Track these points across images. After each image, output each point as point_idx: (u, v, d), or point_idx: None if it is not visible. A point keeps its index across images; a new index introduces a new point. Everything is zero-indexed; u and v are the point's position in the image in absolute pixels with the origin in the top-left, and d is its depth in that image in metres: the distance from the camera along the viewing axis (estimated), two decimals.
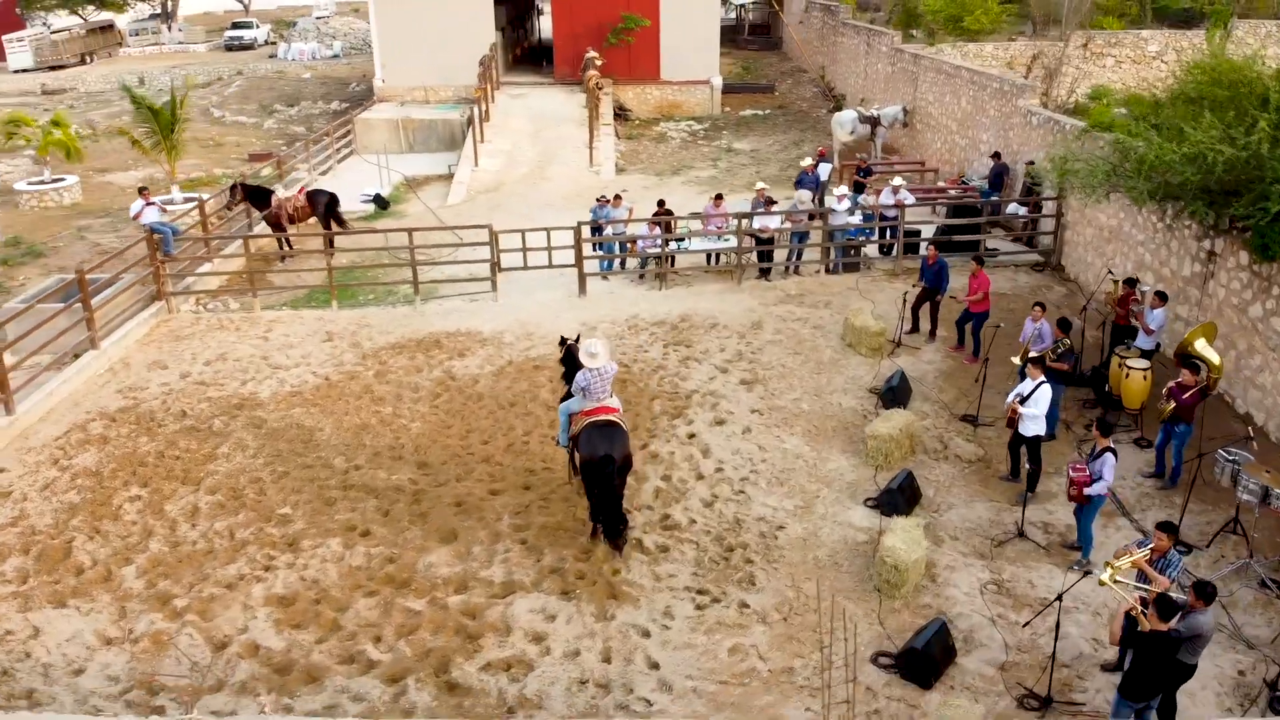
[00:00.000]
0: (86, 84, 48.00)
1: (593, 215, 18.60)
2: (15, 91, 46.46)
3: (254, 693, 8.71)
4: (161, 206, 18.42)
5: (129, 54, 57.28)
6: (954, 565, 10.46)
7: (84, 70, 51.47)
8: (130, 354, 15.91)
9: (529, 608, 9.81)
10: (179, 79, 47.12)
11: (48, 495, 11.77)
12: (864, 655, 9.11)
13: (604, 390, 10.95)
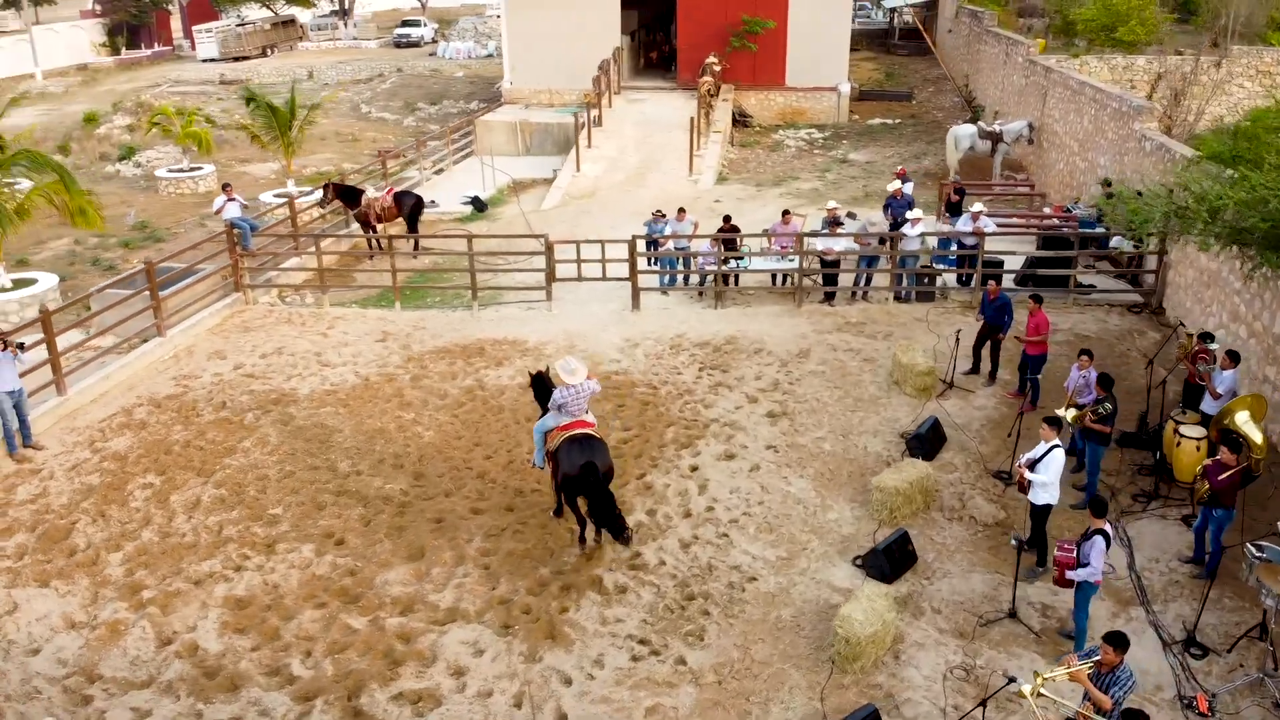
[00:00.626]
0: (260, 76, 51.27)
1: (647, 230, 18.23)
2: (197, 80, 50.21)
3: (175, 694, 8.93)
4: (242, 203, 19.36)
5: (307, 48, 60.90)
6: (925, 643, 9.54)
7: (261, 63, 55.06)
8: (197, 342, 16.79)
9: (463, 639, 9.63)
10: (343, 74, 49.97)
11: (72, 476, 12.54)
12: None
13: (580, 407, 10.96)
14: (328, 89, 46.99)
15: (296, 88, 28.55)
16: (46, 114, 41.50)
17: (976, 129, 24.26)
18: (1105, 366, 13.36)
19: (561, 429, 10.93)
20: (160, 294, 16.48)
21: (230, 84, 49.93)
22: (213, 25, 60.42)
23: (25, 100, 46.42)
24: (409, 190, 21.65)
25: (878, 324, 16.76)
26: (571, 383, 10.83)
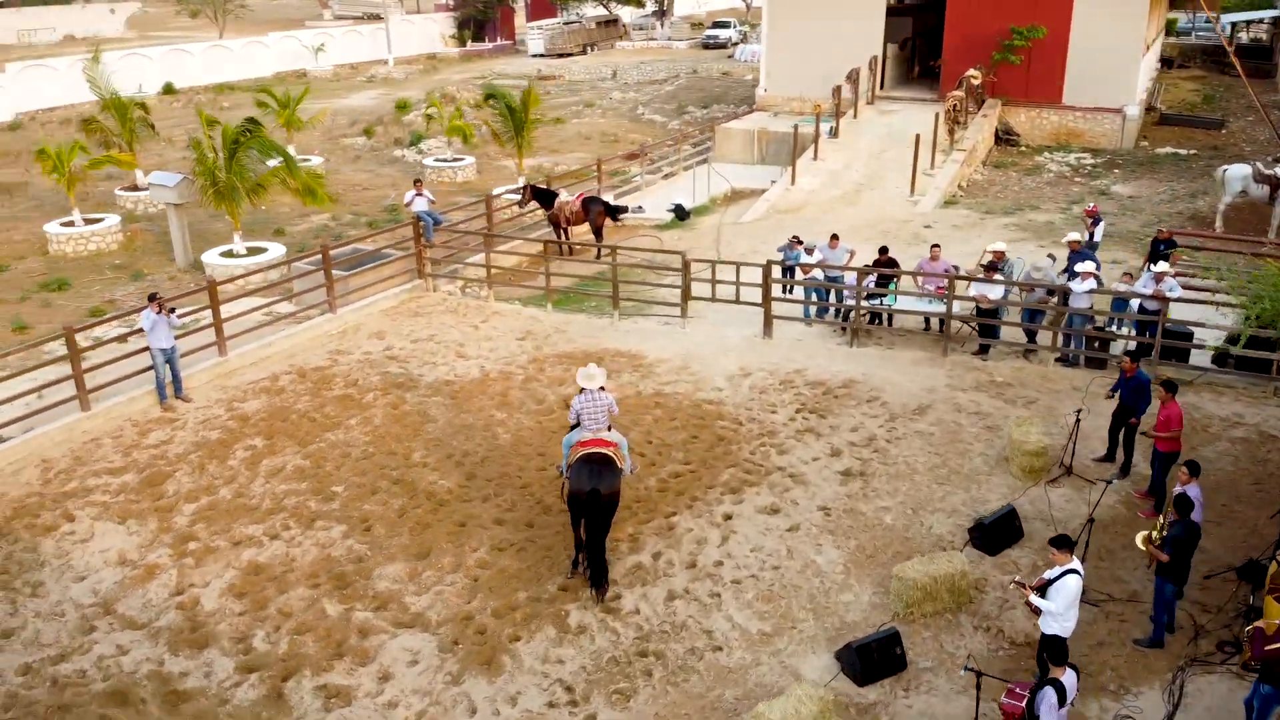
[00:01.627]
0: (571, 73, 54.69)
1: (782, 256, 17.31)
2: (515, 74, 54.34)
3: (156, 640, 10.01)
4: (430, 198, 20.82)
5: (624, 47, 63.94)
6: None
7: (575, 60, 58.59)
8: (366, 321, 18.43)
9: (407, 646, 9.91)
10: (643, 74, 51.96)
11: (198, 429, 14.33)
12: None
13: (598, 419, 10.96)
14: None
15: (535, 88, 29.94)
16: (378, 98, 47.05)
17: (1252, 170, 20.50)
18: None
19: (580, 444, 10.94)
20: (350, 273, 18.27)
21: (544, 79, 53.72)
22: (544, 23, 65.29)
23: (369, 84, 53.11)
24: (597, 196, 22.19)
25: (1026, 388, 14.82)
26: (588, 387, 10.95)
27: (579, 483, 10.59)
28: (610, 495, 10.66)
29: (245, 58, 54.19)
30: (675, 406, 14.70)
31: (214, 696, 9.20)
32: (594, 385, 11.10)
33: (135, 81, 48.57)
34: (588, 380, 11.13)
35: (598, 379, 11.18)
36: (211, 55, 53.13)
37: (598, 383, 11.13)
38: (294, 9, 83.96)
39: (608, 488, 10.61)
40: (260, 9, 79.15)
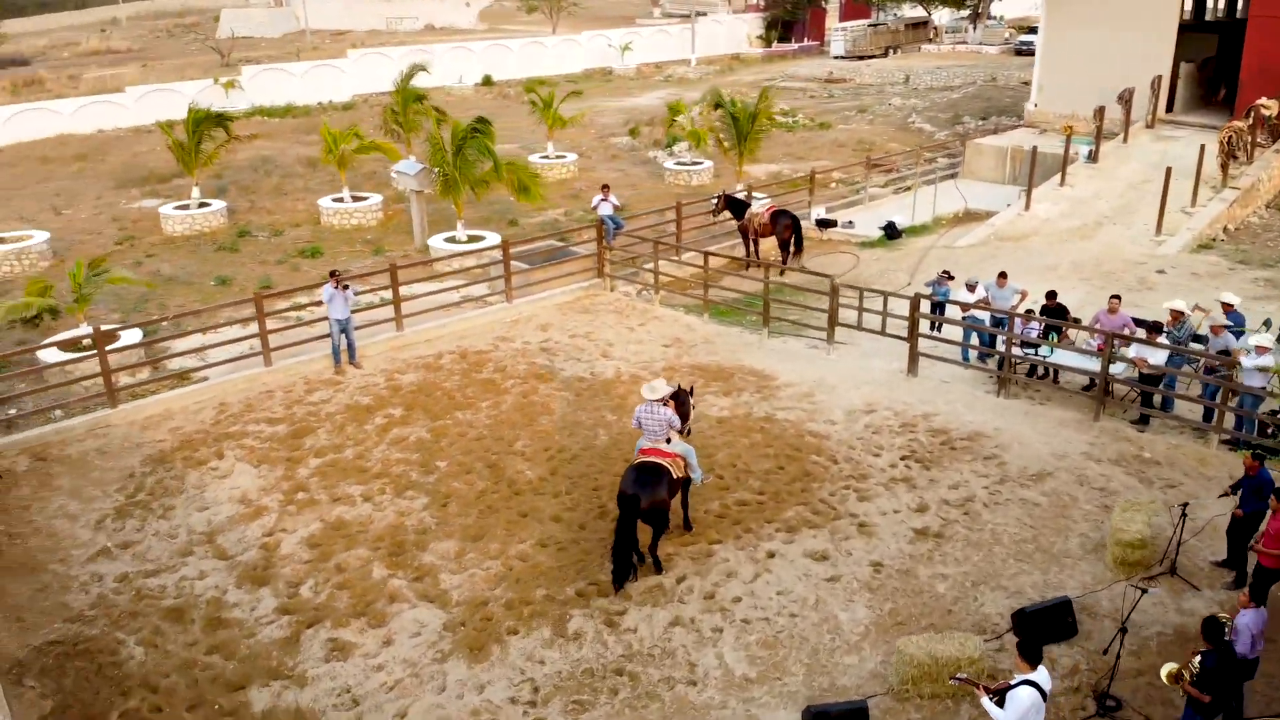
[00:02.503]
0: (862, 76, 53.44)
1: (930, 291, 16.11)
2: (805, 77, 54.13)
3: (230, 572, 11.59)
4: (615, 204, 21.51)
5: (929, 50, 61.35)
6: None
7: (872, 63, 57.03)
8: (539, 313, 19.63)
9: (420, 618, 10.74)
10: (936, 79, 49.76)
11: (355, 394, 16.12)
12: None
13: (656, 430, 11.49)
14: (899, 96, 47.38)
15: (769, 97, 29.64)
16: (663, 98, 48.83)
17: None
18: None
19: (641, 452, 11.51)
20: (532, 267, 19.61)
21: (832, 82, 53.04)
22: (849, 24, 64.18)
23: (664, 83, 55.18)
24: (785, 210, 21.86)
25: (1174, 469, 12.98)
26: (649, 399, 11.44)
27: (624, 485, 11.14)
28: (651, 505, 11.01)
29: (559, 54, 58.28)
30: (778, 434, 14.44)
31: (246, 629, 10.58)
32: (654, 397, 11.50)
33: (457, 73, 54.25)
34: (650, 393, 11.61)
35: (659, 392, 11.62)
36: (528, 51, 57.59)
37: (658, 395, 11.52)
38: (631, 6, 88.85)
39: (649, 498, 10.98)
40: (595, 6, 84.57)
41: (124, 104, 44.63)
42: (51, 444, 14.38)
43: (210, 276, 22.44)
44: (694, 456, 11.95)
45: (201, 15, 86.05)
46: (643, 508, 11.01)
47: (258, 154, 34.58)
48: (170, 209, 26.27)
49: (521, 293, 19.94)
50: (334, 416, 15.36)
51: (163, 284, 21.90)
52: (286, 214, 27.66)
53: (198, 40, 65.77)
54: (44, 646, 10.19)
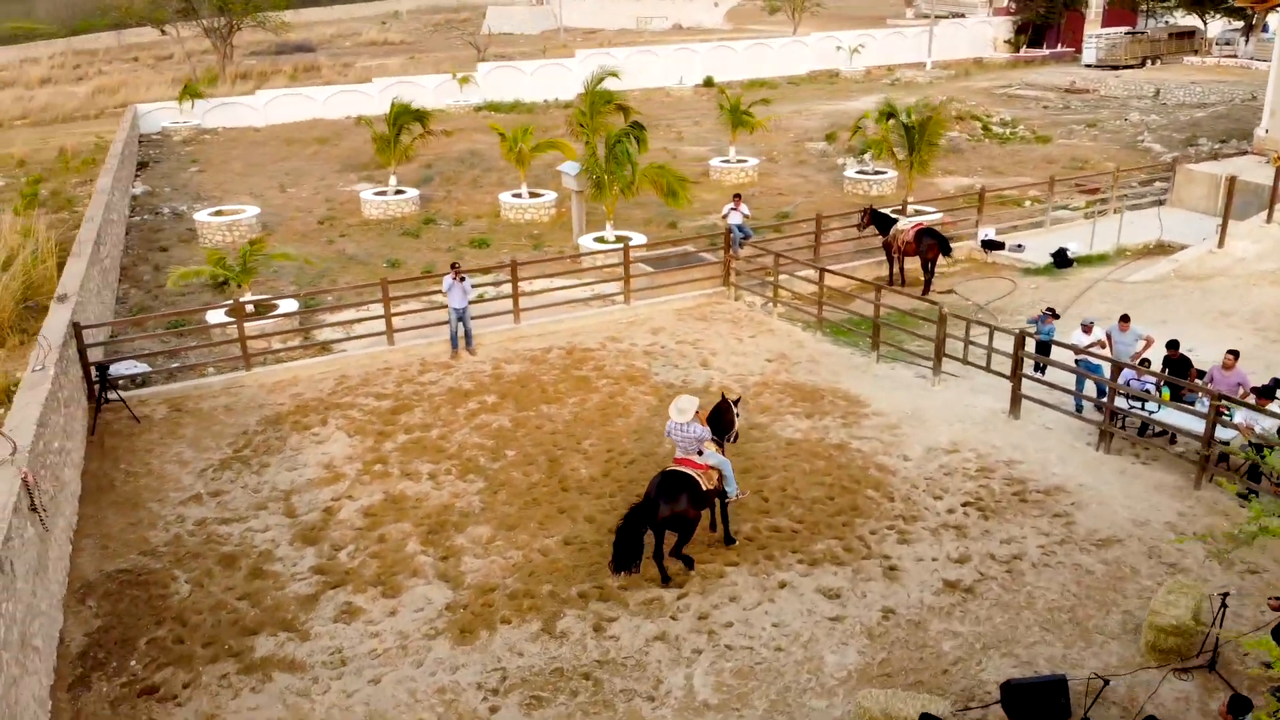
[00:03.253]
0: (1108, 87, 49.33)
1: (1034, 328, 14.76)
2: (1043, 85, 50.63)
3: (290, 529, 12.79)
4: (745, 213, 21.20)
5: (1191, 63, 55.57)
6: None
7: (1123, 74, 52.37)
8: (655, 316, 19.92)
9: (429, 595, 11.41)
10: (1189, 95, 45.24)
11: (460, 378, 17.14)
12: None
13: (686, 446, 11.67)
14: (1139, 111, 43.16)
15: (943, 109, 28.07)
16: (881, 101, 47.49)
17: None
18: None
19: (675, 460, 11.79)
20: (657, 270, 19.99)
21: (1074, 92, 49.33)
22: (1105, 31, 59.28)
23: (890, 87, 53.44)
24: (931, 229, 20.75)
25: (1265, 553, 11.41)
26: (676, 420, 11.58)
27: (649, 489, 11.44)
28: (671, 515, 11.21)
29: (783, 56, 57.96)
30: (843, 463, 14.00)
31: (279, 582, 11.69)
32: (683, 419, 11.57)
33: (677, 74, 55.31)
34: (679, 414, 11.65)
35: (687, 413, 11.65)
36: (753, 53, 57.66)
37: (686, 417, 11.59)
38: (886, 5, 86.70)
39: (669, 508, 11.21)
40: (844, 5, 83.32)
41: (369, 93, 48.93)
42: (190, 397, 16.42)
43: (385, 258, 24.45)
44: (729, 469, 12.00)
45: (473, 11, 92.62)
46: (660, 516, 11.22)
47: (470, 147, 37.09)
48: (370, 194, 28.80)
49: (648, 295, 20.36)
50: (434, 397, 16.46)
51: (343, 262, 24.13)
52: (474, 206, 29.53)
53: (462, 36, 70.70)
54: (113, 573, 11.79)
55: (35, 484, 10.23)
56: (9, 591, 8.76)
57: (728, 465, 12.06)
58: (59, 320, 15.10)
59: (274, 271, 22.49)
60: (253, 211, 27.11)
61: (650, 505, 11.31)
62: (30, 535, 9.96)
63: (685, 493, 11.42)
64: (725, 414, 12.55)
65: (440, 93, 50.92)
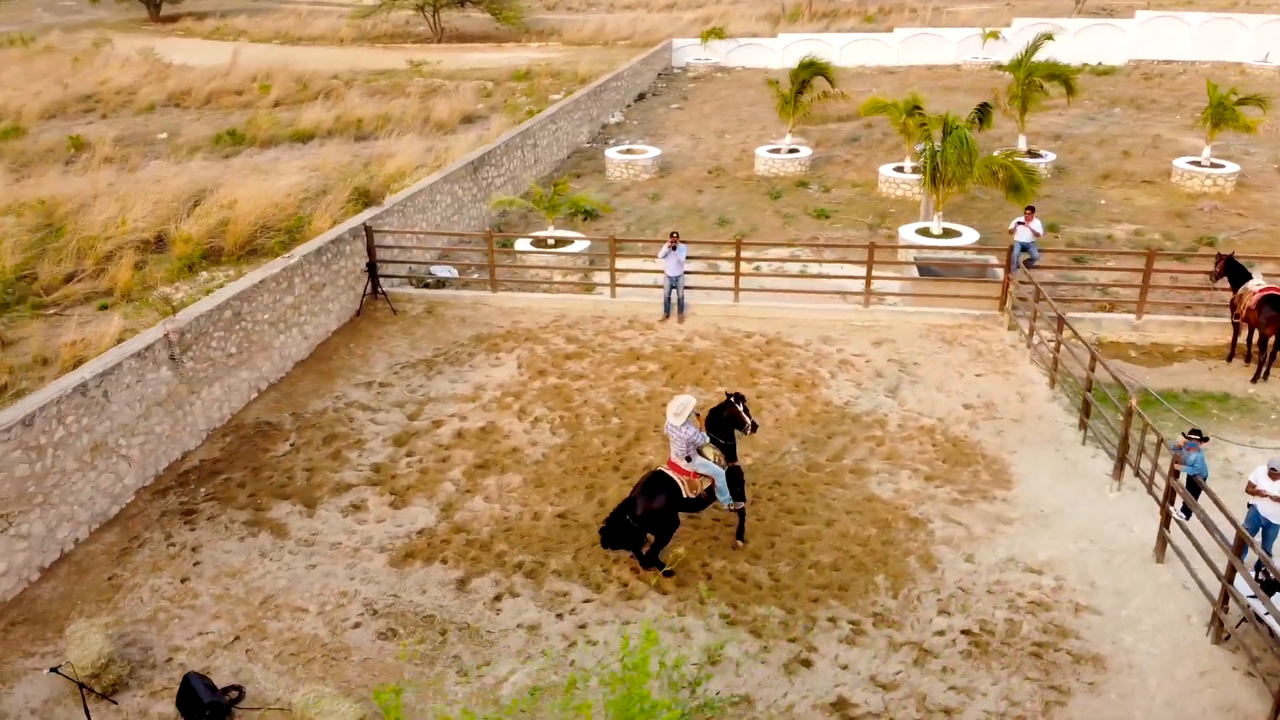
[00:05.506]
0: None
1: (1181, 456, 10.50)
2: None
3: (397, 430, 15.06)
4: (1035, 230, 17.33)
5: None
6: None
7: None
8: (894, 325, 18.19)
9: (402, 517, 12.86)
10: None
11: (645, 342, 17.78)
12: None
13: (678, 448, 11.69)
14: None
15: None
16: None
17: None
18: None
19: (666, 462, 11.93)
20: (920, 278, 18.30)
21: None
22: None
23: None
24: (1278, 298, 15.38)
25: None
26: (671, 420, 11.57)
27: (634, 488, 11.74)
28: (645, 512, 11.35)
29: None
30: (890, 540, 12.25)
31: (341, 467, 13.98)
32: (677, 421, 11.50)
33: (1264, 49, 45.25)
34: (673, 415, 11.58)
35: (681, 415, 11.49)
36: None
37: (680, 419, 11.48)
38: None
39: (645, 506, 11.38)
40: None
41: (888, 43, 48.56)
42: (442, 304, 19.51)
43: (723, 215, 25.32)
44: (722, 479, 11.78)
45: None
46: (636, 513, 11.36)
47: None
48: (764, 150, 29.55)
49: (914, 301, 18.67)
50: (608, 353, 17.47)
51: (682, 213, 25.60)
52: (861, 173, 28.74)
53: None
54: (260, 423, 15.16)
55: (176, 341, 13.79)
56: (96, 411, 12.31)
57: (721, 475, 11.75)
58: (357, 221, 19.07)
59: (626, 211, 24.79)
60: (653, 153, 29.63)
61: (630, 503, 11.49)
62: (164, 375, 13.57)
63: (664, 494, 11.45)
64: (725, 412, 12.05)
65: (962, 48, 48.58)
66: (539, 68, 47.91)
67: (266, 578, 11.81)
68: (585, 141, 33.68)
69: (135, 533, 12.53)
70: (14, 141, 35.07)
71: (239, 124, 36.30)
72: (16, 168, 30.77)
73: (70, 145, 33.78)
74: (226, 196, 24.96)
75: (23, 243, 22.95)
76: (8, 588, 11.11)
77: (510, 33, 65.09)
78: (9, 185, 28.20)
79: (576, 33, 62.53)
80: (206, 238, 22.91)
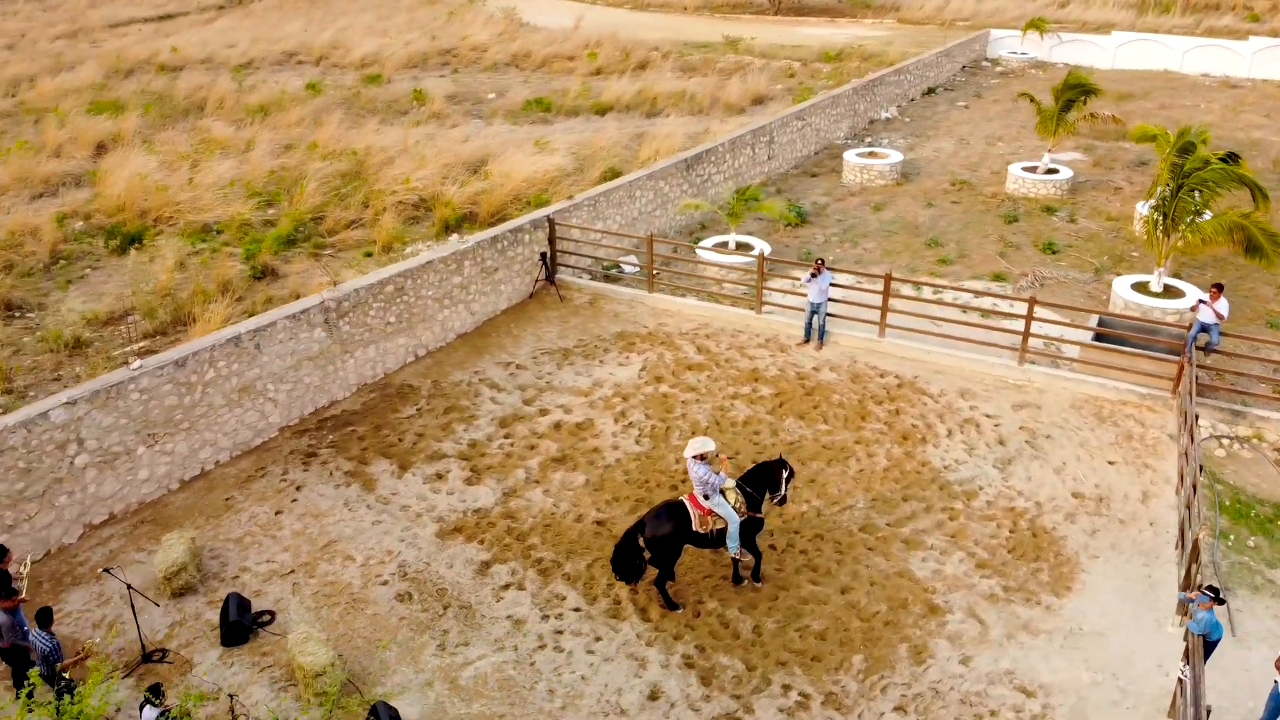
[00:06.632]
0: None
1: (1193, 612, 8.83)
2: None
3: (508, 410, 16.56)
4: (1218, 312, 14.56)
5: None
6: None
7: None
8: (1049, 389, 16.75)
9: (465, 494, 14.32)
10: None
11: (773, 365, 17.79)
12: None
13: (695, 484, 12.14)
14: None
15: None
16: None
17: None
18: None
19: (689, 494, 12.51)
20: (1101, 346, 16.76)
21: None
22: None
23: None
24: None
25: None
26: (687, 454, 12.10)
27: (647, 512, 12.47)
28: (651, 538, 12.00)
29: None
30: (893, 621, 11.84)
31: (446, 438, 15.69)
32: (688, 454, 12.07)
33: None
34: (689, 450, 12.09)
35: (693, 449, 12.02)
36: None
37: (692, 452, 12.03)
38: None
39: (653, 530, 12.03)
40: None
41: (1239, 52, 42.38)
42: (604, 297, 20.67)
43: (937, 235, 24.09)
44: (735, 525, 12.12)
45: None
46: (645, 536, 12.02)
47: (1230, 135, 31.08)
48: (1018, 167, 27.45)
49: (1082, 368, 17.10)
50: (731, 369, 17.79)
51: (899, 229, 24.68)
52: (1127, 205, 25.90)
53: None
54: (403, 384, 17.29)
55: (332, 308, 16.14)
56: (247, 360, 14.93)
57: (734, 521, 12.10)
58: (540, 214, 20.72)
59: (838, 220, 24.59)
60: (895, 158, 28.61)
61: (638, 524, 12.19)
62: (317, 336, 16.01)
63: (674, 522, 11.93)
64: (769, 473, 12.34)
65: (1259, 60, 41.26)
66: (854, 49, 47.09)
67: (339, 524, 13.86)
68: (843, 137, 33.07)
69: (263, 464, 15.15)
70: (373, 88, 40.45)
71: (554, 91, 39.04)
72: (362, 114, 35.62)
73: (414, 97, 38.55)
74: (499, 166, 27.71)
75: (325, 186, 27.21)
76: (148, 491, 14.04)
77: (849, 8, 64.11)
78: (344, 130, 33.11)
79: (917, 10, 60.26)
80: (465, 204, 25.79)
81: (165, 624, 12.01)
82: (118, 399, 13.33)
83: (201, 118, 34.99)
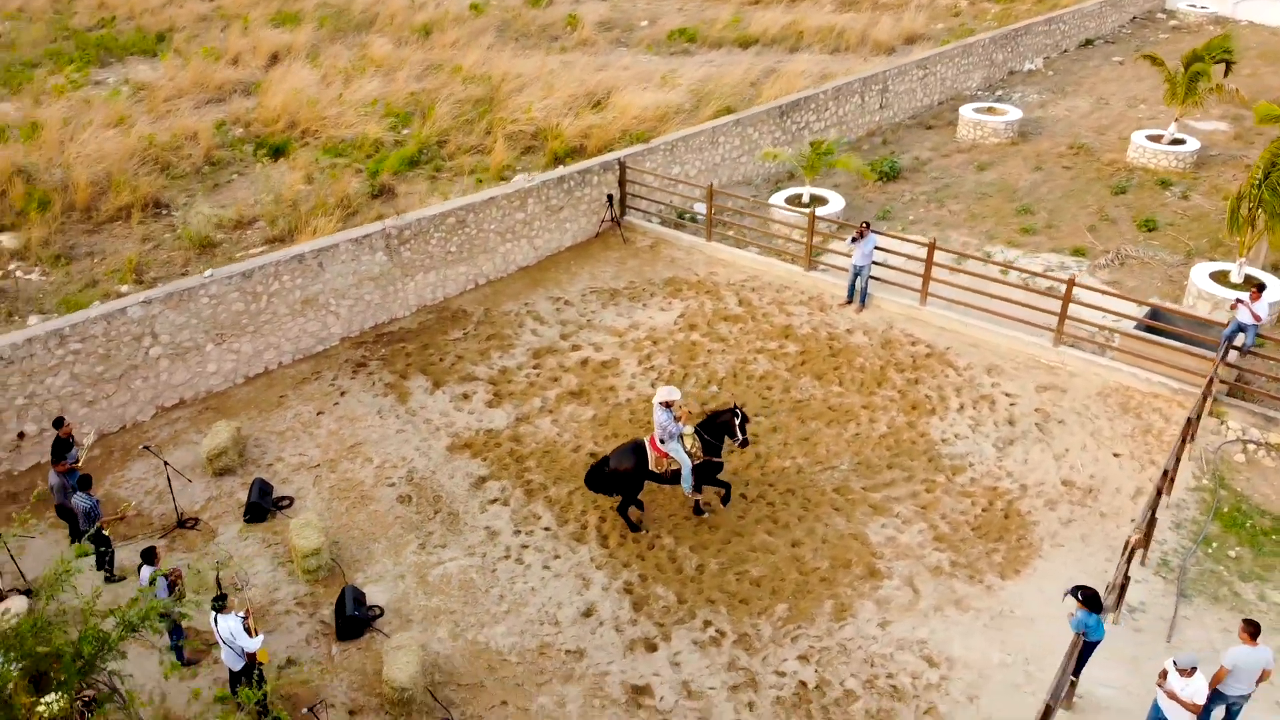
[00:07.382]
0: None
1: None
2: None
3: (543, 344, 17.79)
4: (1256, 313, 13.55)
5: None
6: None
7: None
8: (1081, 373, 16.46)
9: (484, 415, 15.70)
10: None
11: (807, 323, 18.17)
12: None
13: (656, 426, 13.12)
14: None
15: None
16: None
17: None
18: None
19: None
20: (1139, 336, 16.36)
21: None
22: None
23: None
24: None
25: None
26: (654, 399, 13.18)
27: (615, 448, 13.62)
28: (614, 470, 13.15)
29: None
30: (829, 576, 12.46)
31: (479, 362, 17.12)
32: (656, 399, 13.10)
33: None
34: (657, 396, 13.12)
35: (661, 396, 13.03)
36: None
37: (659, 399, 13.04)
38: None
39: (615, 464, 13.19)
40: None
41: None
42: (665, 242, 21.36)
43: (1031, 202, 23.30)
44: (688, 469, 13.13)
45: None
46: (608, 468, 13.20)
47: None
48: (1142, 135, 25.88)
49: (1121, 356, 16.69)
50: (765, 324, 18.31)
51: (994, 192, 24.00)
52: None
53: None
54: (456, 309, 18.77)
55: (393, 234, 17.69)
56: (310, 276, 16.75)
57: (687, 465, 13.10)
58: (612, 156, 21.53)
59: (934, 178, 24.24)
60: (1014, 116, 27.51)
61: (606, 458, 13.36)
62: (378, 259, 17.65)
63: (634, 459, 13.03)
64: (721, 418, 13.16)
65: None
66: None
67: (368, 429, 15.60)
68: (975, 89, 31.85)
69: (319, 370, 17.06)
70: (534, 10, 41.21)
71: (704, 21, 38.59)
72: (516, 38, 36.46)
73: (567, 22, 39.30)
74: (618, 99, 28.36)
75: (456, 110, 28.81)
76: (216, 384, 16.20)
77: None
78: (492, 54, 34.34)
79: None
80: (577, 136, 26.85)
81: (203, 498, 14.12)
82: (189, 301, 15.42)
83: (370, 33, 36.92)
